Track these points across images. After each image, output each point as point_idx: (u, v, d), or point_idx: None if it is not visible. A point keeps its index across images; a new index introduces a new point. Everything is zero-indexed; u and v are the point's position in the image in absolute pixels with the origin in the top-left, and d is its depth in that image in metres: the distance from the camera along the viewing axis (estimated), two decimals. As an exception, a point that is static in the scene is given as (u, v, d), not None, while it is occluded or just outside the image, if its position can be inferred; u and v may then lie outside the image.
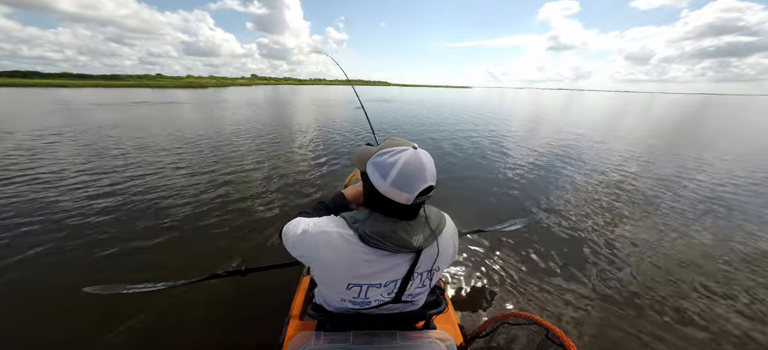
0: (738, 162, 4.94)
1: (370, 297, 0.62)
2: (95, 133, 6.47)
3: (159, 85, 48.58)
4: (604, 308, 1.69)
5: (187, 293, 1.67)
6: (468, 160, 4.90)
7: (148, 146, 5.29)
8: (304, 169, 4.22)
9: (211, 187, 3.43)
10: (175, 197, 3.12)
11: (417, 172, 0.53)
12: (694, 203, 3.21)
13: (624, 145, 6.29)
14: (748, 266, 2.08)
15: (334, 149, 5.44)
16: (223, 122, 8.63)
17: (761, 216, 2.88)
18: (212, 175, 3.86)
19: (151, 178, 3.67)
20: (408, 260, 0.59)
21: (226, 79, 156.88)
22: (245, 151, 5.18)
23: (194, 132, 6.85)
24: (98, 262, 2.01)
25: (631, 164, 4.75)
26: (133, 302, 1.58)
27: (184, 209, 2.81)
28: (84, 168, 3.99)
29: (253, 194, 3.25)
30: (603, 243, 2.35)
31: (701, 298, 1.78)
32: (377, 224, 0.56)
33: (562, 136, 7.25)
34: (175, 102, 15.54)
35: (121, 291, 1.10)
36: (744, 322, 1.61)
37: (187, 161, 4.48)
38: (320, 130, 7.65)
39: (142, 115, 10.08)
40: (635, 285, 1.88)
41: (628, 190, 3.58)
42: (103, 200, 2.97)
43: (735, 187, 3.73)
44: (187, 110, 11.98)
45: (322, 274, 0.62)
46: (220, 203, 3.00)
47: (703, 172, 4.35)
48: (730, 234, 2.52)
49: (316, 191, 3.43)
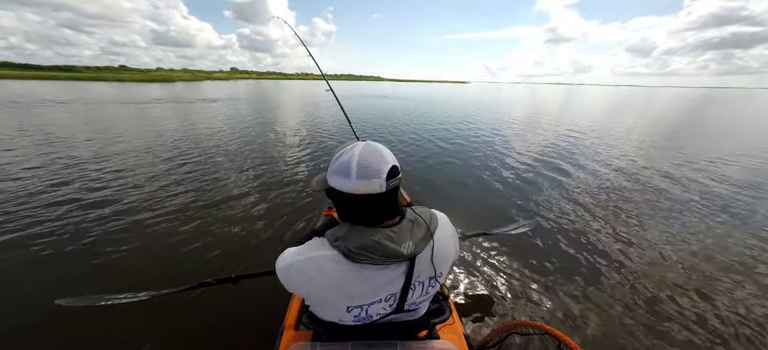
0: (749, 161, 5.11)
1: (372, 312, 0.62)
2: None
3: (118, 79, 46.77)
4: (623, 317, 1.67)
5: (173, 303, 1.64)
6: (468, 160, 4.97)
7: (118, 145, 5.14)
8: (296, 168, 4.26)
9: (196, 187, 3.39)
10: (156, 199, 3.06)
11: (375, 156, 0.55)
12: (712, 205, 3.19)
13: (630, 143, 6.50)
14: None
15: (322, 145, 5.48)
16: (200, 120, 8.45)
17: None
18: (197, 174, 3.82)
19: (127, 180, 3.60)
20: (403, 270, 0.58)
21: (201, 72, 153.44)
22: (233, 151, 5.12)
23: (171, 130, 6.73)
24: (72, 272, 1.96)
25: (638, 162, 4.90)
26: (112, 314, 1.56)
27: (166, 215, 2.75)
28: (43, 169, 3.83)
29: (242, 195, 3.23)
30: (618, 247, 2.36)
31: (731, 312, 1.70)
32: (360, 237, 0.55)
33: (564, 134, 7.46)
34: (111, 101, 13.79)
35: (99, 302, 1.06)
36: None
37: (169, 160, 4.43)
38: (306, 127, 7.67)
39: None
40: (656, 293, 1.86)
41: (640, 190, 3.62)
42: (68, 205, 2.87)
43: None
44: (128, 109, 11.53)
45: (318, 303, 0.61)
46: (207, 205, 2.96)
47: (714, 171, 4.49)
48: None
49: (306, 189, 3.44)
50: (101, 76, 52.34)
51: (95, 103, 12.39)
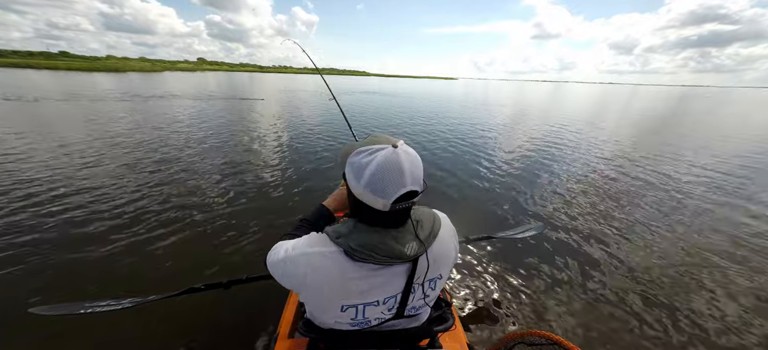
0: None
1: (369, 316, 0.62)
2: None
3: (52, 66, 43.35)
4: (640, 330, 1.66)
5: (159, 311, 1.60)
6: (468, 160, 5.04)
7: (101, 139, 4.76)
8: (289, 170, 4.19)
9: (180, 186, 3.31)
10: (138, 201, 2.96)
11: (393, 174, 0.52)
12: (721, 203, 3.29)
13: (643, 145, 6.72)
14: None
15: (313, 145, 5.37)
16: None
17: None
18: (182, 173, 3.74)
19: (102, 177, 3.47)
20: (404, 272, 0.60)
21: (162, 62, 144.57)
22: (213, 151, 4.90)
23: (151, 124, 6.44)
24: (48, 278, 1.90)
25: (648, 165, 5.04)
26: (91, 324, 1.52)
27: (150, 215, 2.69)
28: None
29: (233, 195, 3.18)
30: (635, 252, 2.37)
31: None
32: (363, 235, 0.56)
33: (567, 132, 7.73)
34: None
35: (77, 311, 1.05)
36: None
37: (148, 157, 4.25)
38: (291, 122, 7.51)
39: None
40: (678, 305, 1.84)
41: (660, 194, 3.67)
42: (46, 207, 2.74)
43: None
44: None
45: (311, 300, 0.62)
46: (195, 205, 2.90)
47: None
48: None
49: (302, 191, 3.40)
50: (31, 63, 47.77)
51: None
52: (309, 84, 31.80)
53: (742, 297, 1.96)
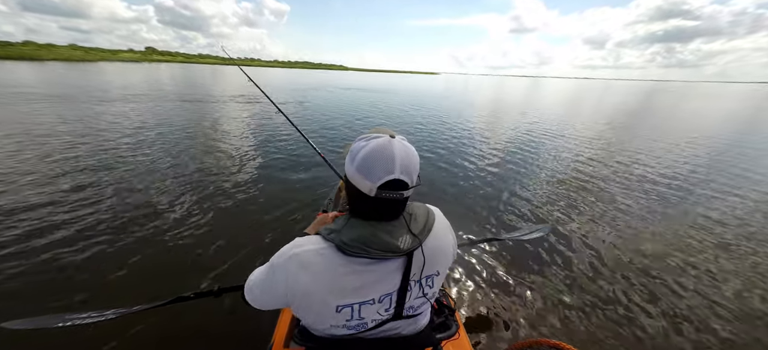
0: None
1: (365, 316, 0.63)
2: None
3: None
4: (651, 337, 1.66)
5: (145, 321, 1.61)
6: (468, 159, 5.06)
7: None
8: (285, 171, 4.18)
9: (165, 186, 3.29)
10: (121, 202, 2.93)
11: (382, 160, 0.56)
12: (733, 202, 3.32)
13: (646, 144, 7.03)
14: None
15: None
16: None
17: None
18: (173, 173, 3.72)
19: (84, 177, 3.44)
20: (399, 268, 0.61)
21: (98, 50, 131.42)
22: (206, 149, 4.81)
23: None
24: (21, 288, 1.87)
25: (656, 167, 5.16)
26: (72, 337, 1.52)
27: (135, 219, 2.66)
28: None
29: (225, 197, 3.17)
30: (648, 254, 2.38)
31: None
32: (356, 229, 0.59)
33: (567, 130, 7.91)
34: None
35: (56, 323, 1.04)
36: None
37: (137, 153, 4.21)
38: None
39: None
40: (685, 305, 1.85)
41: (654, 187, 3.77)
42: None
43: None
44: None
45: (304, 305, 0.61)
46: (183, 208, 2.86)
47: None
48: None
49: (299, 193, 3.40)
50: None
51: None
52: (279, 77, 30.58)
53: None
